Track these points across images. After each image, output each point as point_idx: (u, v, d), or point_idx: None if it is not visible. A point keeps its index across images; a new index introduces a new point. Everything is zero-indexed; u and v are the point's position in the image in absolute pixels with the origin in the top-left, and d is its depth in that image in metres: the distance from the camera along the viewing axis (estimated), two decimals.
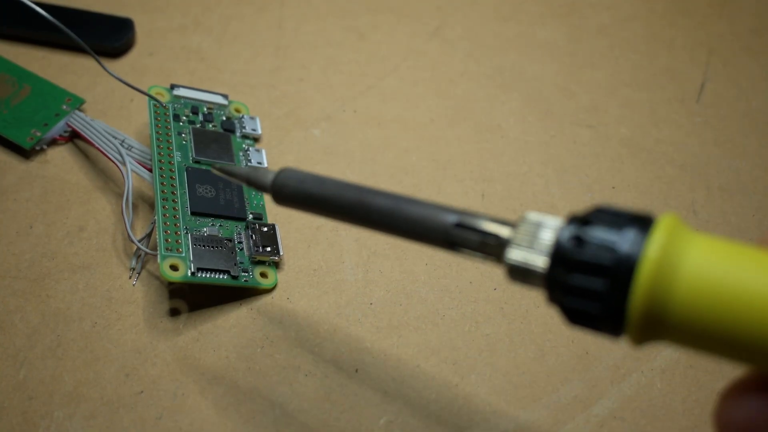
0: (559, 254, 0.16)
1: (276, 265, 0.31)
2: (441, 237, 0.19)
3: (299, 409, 0.27)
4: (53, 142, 0.34)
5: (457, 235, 0.18)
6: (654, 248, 0.15)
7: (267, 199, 0.33)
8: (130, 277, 0.30)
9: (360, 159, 0.35)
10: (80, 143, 0.34)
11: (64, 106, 0.34)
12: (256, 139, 0.35)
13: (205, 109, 0.35)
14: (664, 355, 0.29)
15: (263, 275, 0.30)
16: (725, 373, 0.29)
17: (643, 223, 0.15)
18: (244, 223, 0.31)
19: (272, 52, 0.40)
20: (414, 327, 0.30)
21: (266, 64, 0.39)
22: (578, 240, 0.16)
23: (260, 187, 0.23)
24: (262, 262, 0.30)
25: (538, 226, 0.17)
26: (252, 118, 0.35)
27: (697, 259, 0.14)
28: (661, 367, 0.29)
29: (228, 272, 0.29)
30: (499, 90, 0.39)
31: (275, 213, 0.33)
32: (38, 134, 0.33)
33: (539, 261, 0.17)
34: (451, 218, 0.18)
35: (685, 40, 0.43)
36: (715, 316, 0.14)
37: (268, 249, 0.30)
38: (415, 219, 0.19)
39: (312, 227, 0.32)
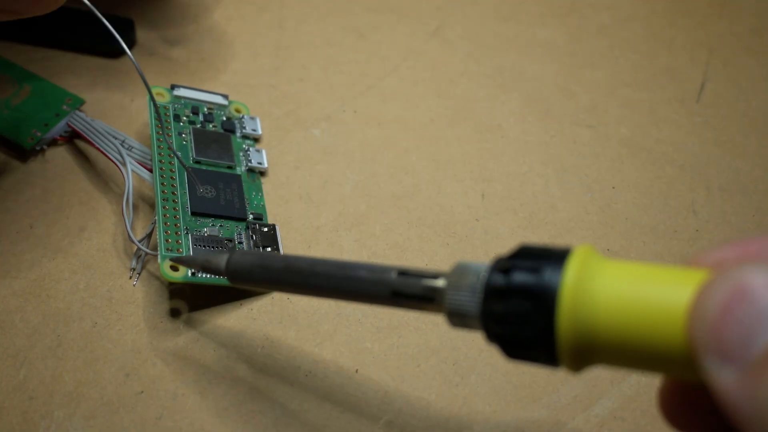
0: (487, 302, 0.17)
1: None
2: (386, 297, 0.20)
3: (299, 409, 0.27)
4: (53, 143, 0.34)
5: (400, 285, 0.20)
6: (567, 280, 0.16)
7: (267, 199, 0.33)
8: (131, 278, 0.30)
9: (360, 159, 0.35)
10: (80, 143, 0.34)
11: (65, 107, 0.34)
12: (256, 139, 0.35)
13: (206, 109, 0.35)
14: None
15: None
16: None
17: (558, 259, 0.16)
18: (244, 224, 0.31)
19: (272, 52, 0.40)
20: (414, 327, 0.30)
21: (266, 64, 0.39)
22: (500, 292, 0.17)
23: (216, 272, 0.25)
24: None
25: (466, 274, 0.18)
26: (252, 118, 0.35)
27: (609, 283, 0.15)
28: None
29: None
30: (499, 90, 0.39)
31: (275, 213, 0.33)
32: (38, 134, 0.33)
33: (472, 307, 0.18)
34: (393, 275, 0.20)
35: (685, 40, 0.43)
36: (633, 333, 0.15)
37: (269, 249, 0.30)
38: (360, 281, 0.21)
39: (312, 227, 0.32)
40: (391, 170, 0.35)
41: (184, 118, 0.34)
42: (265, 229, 0.31)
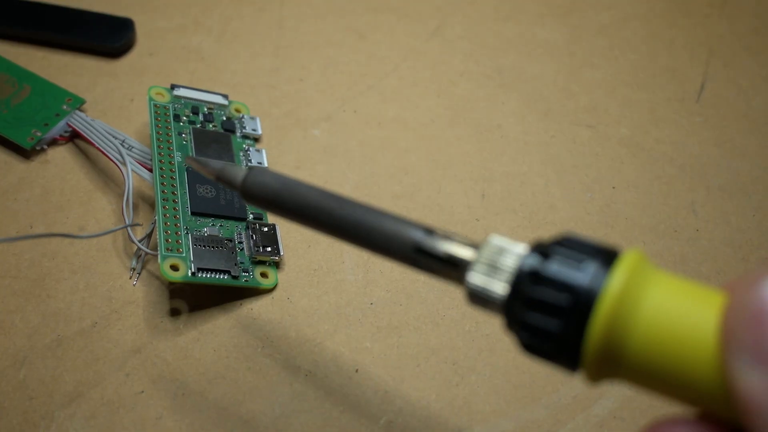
0: (517, 286, 0.16)
1: (276, 265, 0.31)
2: (407, 252, 0.18)
3: (299, 409, 0.27)
4: (53, 142, 0.34)
5: (421, 252, 0.18)
6: (614, 287, 0.14)
7: None
8: (131, 277, 0.30)
9: (360, 159, 0.35)
10: (80, 143, 0.34)
11: (65, 106, 0.34)
12: (256, 139, 0.35)
13: (206, 109, 0.35)
14: None
15: (263, 275, 0.30)
16: None
17: (606, 258, 0.15)
18: (244, 223, 0.31)
19: (272, 52, 0.40)
20: (414, 327, 0.30)
21: (266, 64, 0.39)
22: (535, 275, 0.15)
23: (230, 185, 0.22)
24: (262, 262, 0.30)
25: (500, 251, 0.17)
26: (252, 118, 0.35)
27: (656, 301, 0.14)
28: None
29: (228, 272, 0.29)
30: (499, 90, 0.39)
31: None
32: (39, 134, 0.33)
33: (498, 289, 0.16)
34: (419, 234, 0.18)
35: (685, 40, 0.43)
36: (669, 358, 0.14)
37: (269, 249, 0.30)
38: (383, 231, 0.19)
39: None
40: (391, 170, 0.35)
41: (184, 118, 0.34)
42: (265, 229, 0.31)
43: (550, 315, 0.15)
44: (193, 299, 0.30)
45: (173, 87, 0.35)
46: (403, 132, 0.37)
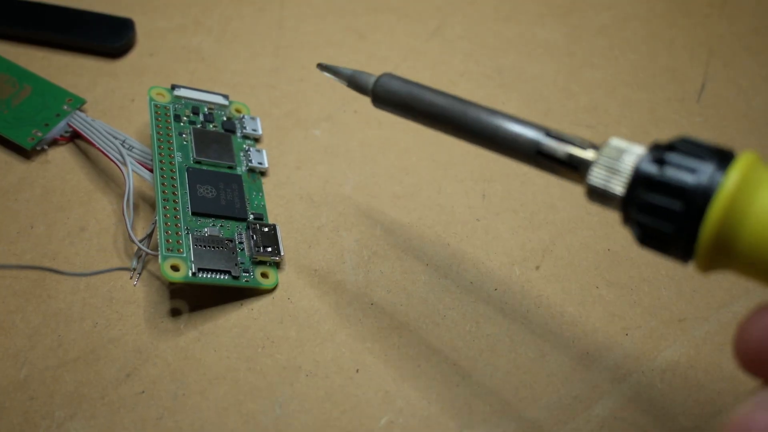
0: (640, 176, 0.17)
1: (277, 266, 0.31)
2: (530, 154, 0.20)
3: (300, 410, 0.27)
4: (54, 143, 0.34)
5: (543, 155, 0.20)
6: (731, 182, 0.16)
7: (268, 199, 0.33)
8: (131, 278, 0.30)
9: (360, 159, 0.35)
10: (81, 143, 0.34)
11: (65, 107, 0.34)
12: (256, 140, 0.35)
13: (206, 109, 0.35)
14: (664, 355, 0.30)
15: (264, 275, 0.30)
16: (725, 373, 0.29)
17: (724, 156, 0.16)
18: (244, 224, 0.31)
19: (272, 52, 0.40)
20: (414, 327, 0.30)
21: (266, 64, 0.39)
22: (661, 161, 0.17)
23: (361, 89, 0.25)
24: (262, 263, 0.31)
25: (621, 151, 0.18)
26: (252, 119, 0.35)
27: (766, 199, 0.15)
28: (661, 367, 0.29)
29: (229, 272, 0.29)
30: (499, 90, 0.39)
31: (276, 213, 0.33)
32: (39, 134, 0.33)
33: (619, 184, 0.18)
34: (540, 136, 0.20)
35: (685, 40, 0.43)
36: None
37: (269, 249, 0.30)
38: (506, 134, 0.20)
39: (313, 227, 0.32)
40: (391, 170, 0.35)
41: (185, 118, 0.34)
42: (266, 229, 0.31)
43: (673, 196, 0.16)
44: (193, 299, 0.30)
45: (173, 87, 0.35)
46: (403, 132, 0.37)
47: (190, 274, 0.28)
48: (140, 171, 0.32)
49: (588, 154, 0.19)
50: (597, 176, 0.18)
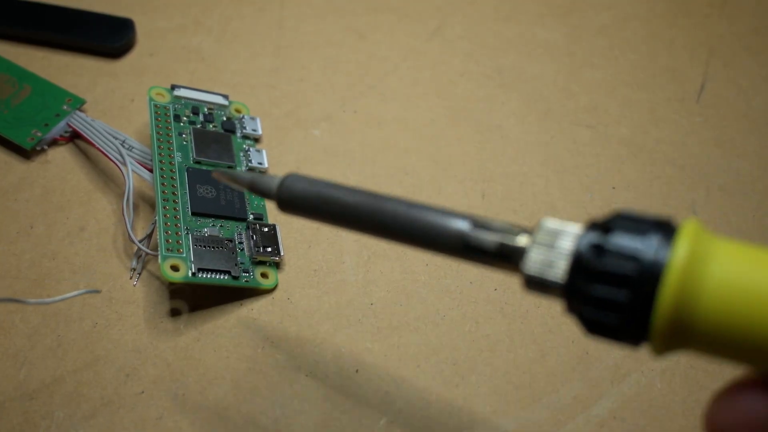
0: (579, 264, 0.16)
1: (276, 266, 0.31)
2: (456, 249, 0.18)
3: (299, 410, 0.27)
4: (54, 143, 0.34)
5: (474, 242, 0.18)
6: (680, 255, 0.14)
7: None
8: (131, 278, 0.30)
9: (360, 159, 0.35)
10: (81, 143, 0.34)
11: (65, 107, 0.34)
12: (256, 140, 0.35)
13: (206, 109, 0.35)
14: None
15: (264, 275, 0.30)
16: (725, 373, 0.29)
17: (666, 229, 0.15)
18: (244, 224, 0.31)
19: (272, 52, 0.40)
20: (414, 327, 0.30)
21: (266, 64, 0.39)
22: (599, 249, 0.15)
23: (264, 194, 0.22)
24: (262, 263, 0.31)
25: (556, 234, 0.16)
26: (252, 119, 0.35)
27: (723, 266, 0.14)
28: (661, 367, 0.29)
29: (229, 272, 0.29)
30: (499, 90, 0.39)
31: (276, 213, 0.33)
32: (39, 134, 0.33)
33: (558, 272, 0.16)
34: (465, 227, 0.18)
35: (685, 40, 0.43)
36: (741, 323, 0.14)
37: (269, 249, 0.30)
38: (429, 226, 0.18)
39: (312, 227, 0.32)
40: (391, 170, 0.35)
41: (185, 118, 0.34)
42: (266, 229, 0.31)
43: (617, 286, 0.15)
44: (193, 299, 0.30)
45: (173, 87, 0.35)
46: (403, 132, 0.37)
47: (190, 274, 0.28)
48: (140, 171, 0.32)
49: (521, 241, 0.17)
50: (532, 265, 0.16)
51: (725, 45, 0.43)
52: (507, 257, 0.17)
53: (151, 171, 0.32)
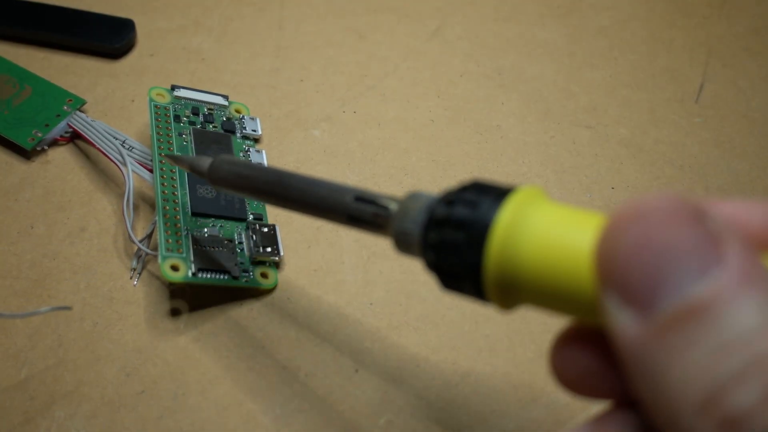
0: (431, 218, 0.17)
1: (276, 266, 0.31)
2: (344, 220, 0.21)
3: (299, 409, 0.27)
4: (54, 143, 0.34)
5: (354, 210, 0.20)
6: (506, 212, 0.16)
7: None
8: (131, 278, 0.30)
9: (360, 159, 0.35)
10: (81, 144, 0.34)
11: (65, 107, 0.34)
12: (256, 140, 0.35)
13: (206, 109, 0.35)
14: None
15: (264, 275, 0.30)
16: None
17: (503, 193, 0.16)
18: (244, 224, 0.31)
19: (272, 52, 0.40)
20: (414, 327, 0.30)
21: (266, 64, 0.39)
22: (449, 202, 0.17)
23: (200, 174, 0.26)
24: (262, 263, 0.31)
25: (417, 199, 0.18)
26: (252, 119, 0.36)
27: (541, 222, 0.15)
28: None
29: (228, 273, 0.29)
30: (499, 90, 0.39)
31: (276, 213, 0.33)
32: (39, 135, 0.33)
33: (414, 229, 0.18)
34: (350, 198, 0.20)
35: (684, 40, 0.43)
36: (554, 274, 0.15)
37: (269, 249, 0.31)
38: (322, 198, 0.21)
39: (312, 227, 0.32)
40: (391, 170, 0.35)
41: (185, 118, 0.34)
42: (266, 229, 0.31)
43: (452, 254, 0.16)
44: (193, 299, 0.30)
45: (173, 88, 0.35)
46: (403, 132, 0.37)
47: (190, 274, 0.28)
48: (140, 171, 0.32)
49: (391, 208, 0.19)
50: (396, 225, 0.18)
51: (724, 45, 0.43)
52: (381, 225, 0.19)
53: (151, 171, 0.32)
